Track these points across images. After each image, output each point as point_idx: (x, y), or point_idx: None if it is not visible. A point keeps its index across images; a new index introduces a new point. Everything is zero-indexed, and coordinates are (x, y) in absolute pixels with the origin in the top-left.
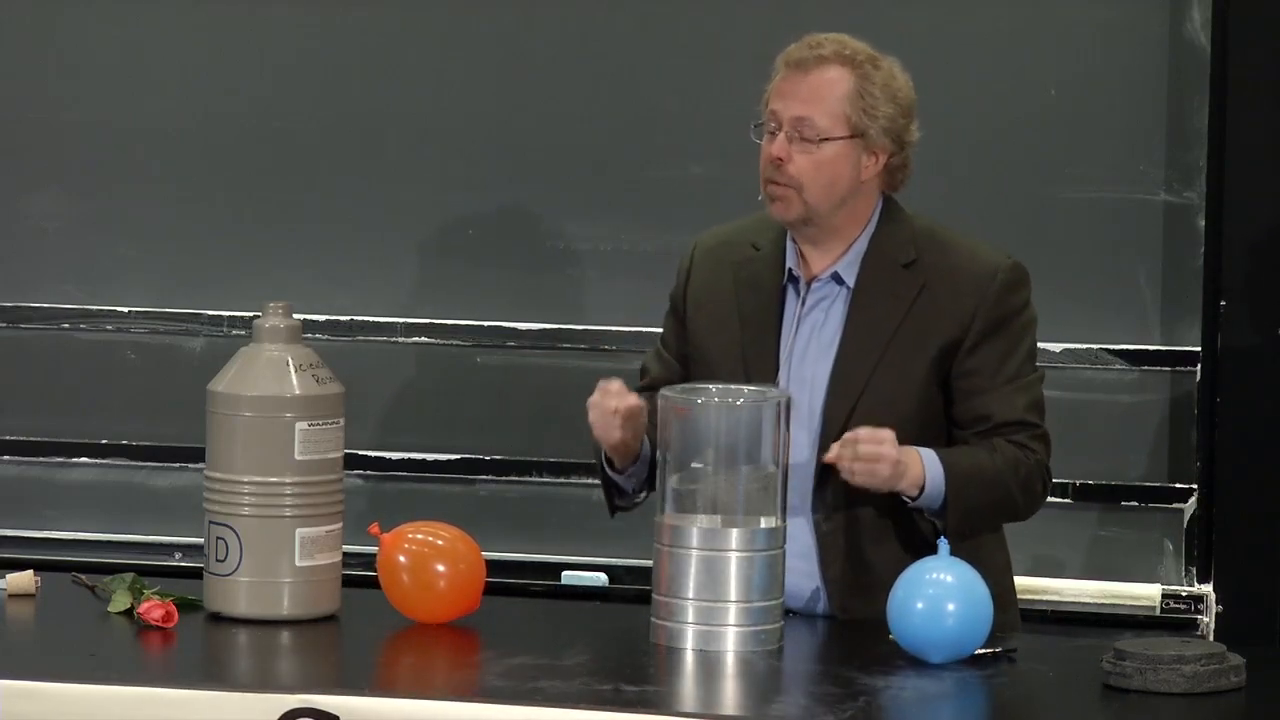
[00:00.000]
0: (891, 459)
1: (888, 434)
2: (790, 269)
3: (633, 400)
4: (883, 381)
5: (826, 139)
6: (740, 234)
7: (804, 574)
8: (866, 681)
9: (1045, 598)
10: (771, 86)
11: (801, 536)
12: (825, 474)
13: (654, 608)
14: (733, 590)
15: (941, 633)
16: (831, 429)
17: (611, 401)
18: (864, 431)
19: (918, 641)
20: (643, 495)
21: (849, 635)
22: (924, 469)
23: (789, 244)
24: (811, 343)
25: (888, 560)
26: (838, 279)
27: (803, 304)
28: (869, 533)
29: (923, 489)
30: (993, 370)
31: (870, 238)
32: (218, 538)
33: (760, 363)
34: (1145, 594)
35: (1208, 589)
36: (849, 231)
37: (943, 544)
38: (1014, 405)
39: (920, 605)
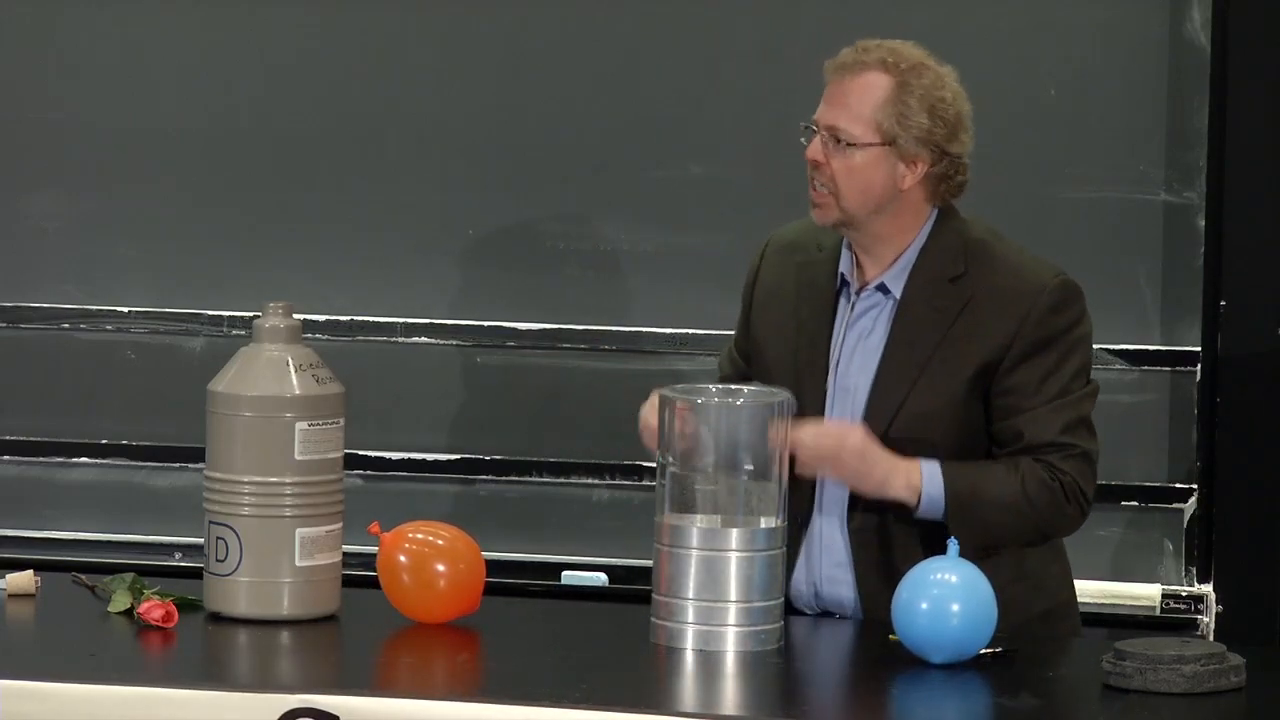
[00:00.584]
0: (854, 452)
1: (857, 432)
2: (843, 274)
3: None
4: (921, 396)
5: (856, 145)
6: (809, 233)
7: (843, 583)
8: (866, 681)
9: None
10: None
11: (838, 547)
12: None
13: (654, 608)
14: (733, 590)
15: (945, 634)
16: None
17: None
18: (828, 426)
19: (921, 642)
20: None
21: (849, 635)
22: (922, 479)
23: (844, 249)
24: (856, 352)
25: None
26: (884, 289)
27: (852, 310)
28: (902, 543)
29: (919, 499)
30: (1031, 390)
31: (920, 249)
32: (218, 538)
33: (811, 369)
34: (1145, 594)
35: (1208, 589)
36: (898, 240)
37: (952, 544)
38: (1049, 426)
39: (925, 606)
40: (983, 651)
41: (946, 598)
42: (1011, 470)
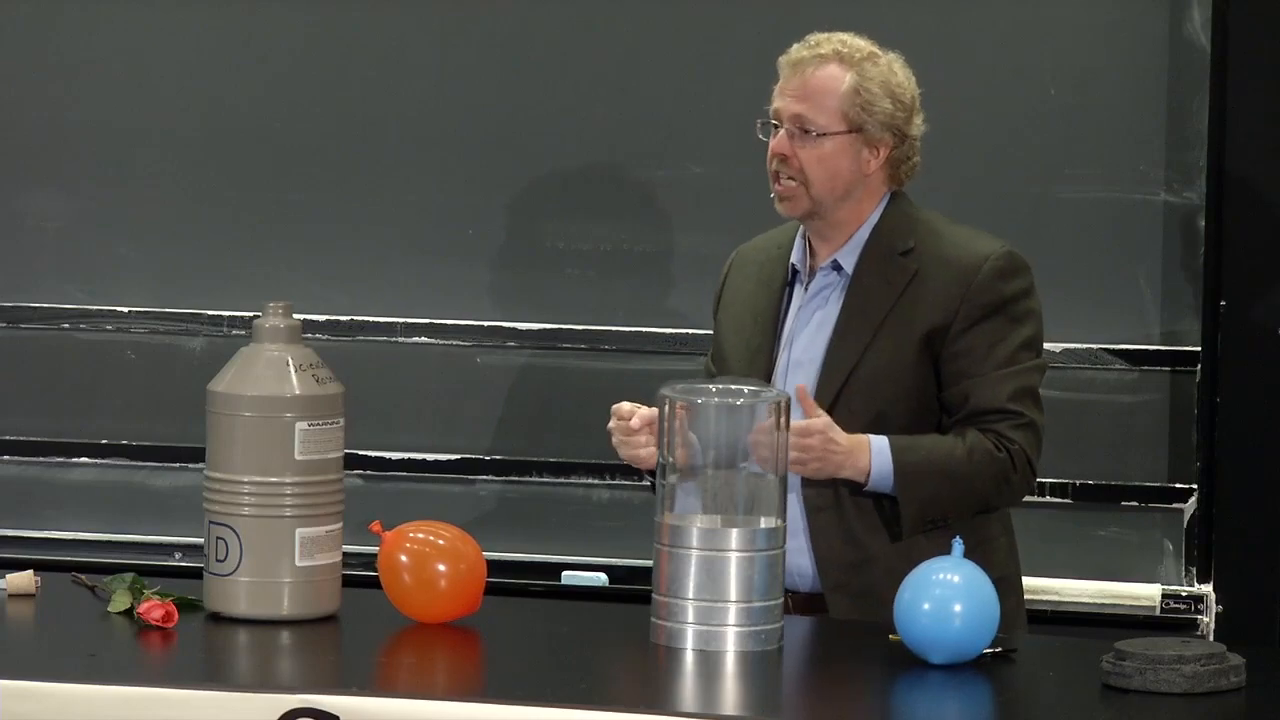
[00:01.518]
0: (818, 452)
1: (819, 425)
2: (793, 264)
3: (645, 410)
4: (872, 364)
5: (825, 134)
6: (771, 239)
7: (796, 551)
8: (866, 681)
9: (1045, 598)
10: (776, 88)
11: (793, 516)
12: None
13: (654, 608)
14: (733, 590)
15: (947, 634)
16: (819, 406)
17: (625, 423)
18: (794, 425)
19: (923, 643)
20: None
21: (849, 635)
22: (870, 459)
23: (798, 239)
24: (810, 326)
25: (878, 536)
26: (836, 266)
27: (805, 290)
28: (858, 509)
29: (868, 477)
30: (980, 355)
31: (872, 228)
32: (218, 538)
33: (760, 351)
34: (1145, 594)
35: (1208, 589)
36: (852, 224)
37: (957, 544)
38: (997, 393)
39: (927, 606)
40: (983, 651)
41: (949, 598)
42: (958, 442)
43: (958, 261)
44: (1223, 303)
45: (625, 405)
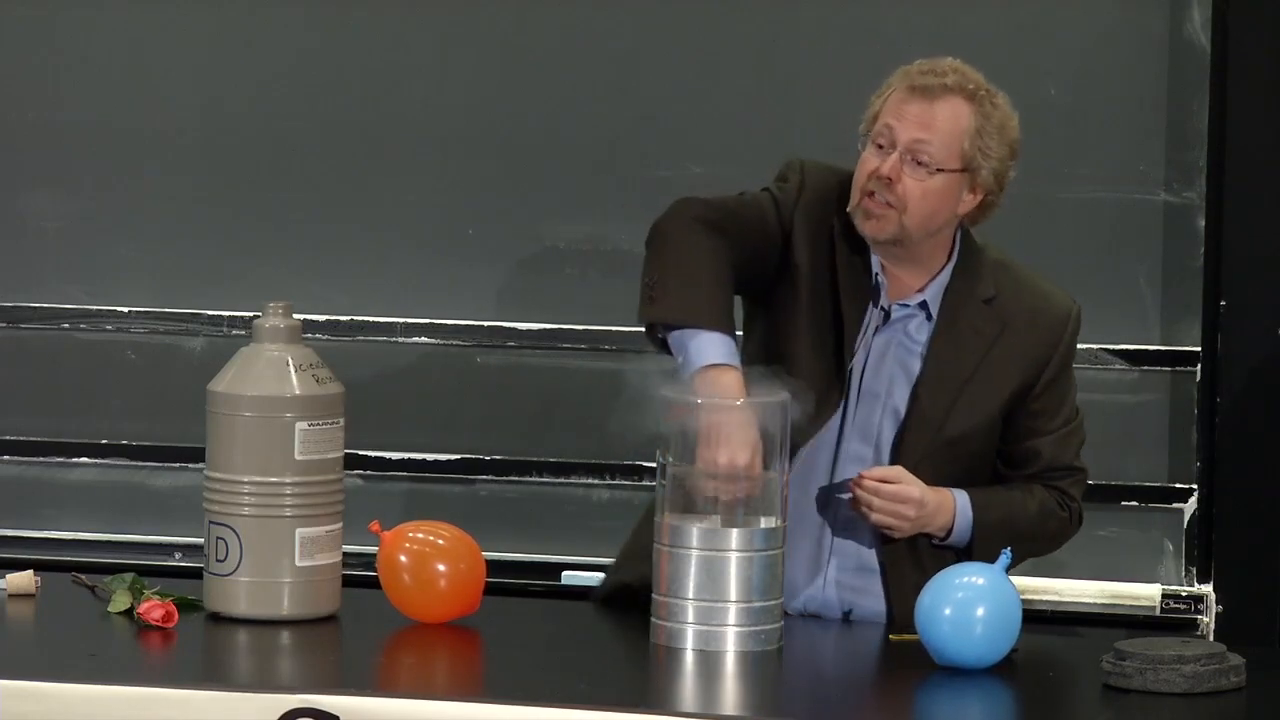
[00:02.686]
0: (916, 501)
1: (908, 476)
2: (877, 274)
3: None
4: (961, 415)
5: (940, 170)
6: (840, 197)
7: (873, 595)
8: (866, 681)
9: (1045, 598)
10: (883, 102)
11: (866, 558)
12: None
13: (654, 608)
14: (733, 590)
15: (969, 641)
16: (907, 460)
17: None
18: (889, 471)
19: (944, 647)
20: None
21: (849, 635)
22: (954, 517)
23: (873, 257)
24: (886, 359)
25: None
26: (923, 306)
27: (886, 316)
28: (931, 556)
29: (949, 533)
30: (1053, 413)
31: (953, 269)
32: (218, 538)
33: (836, 360)
34: (1145, 594)
35: (1208, 589)
36: (934, 261)
37: (1005, 555)
38: (1067, 450)
39: (949, 611)
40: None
41: (971, 602)
42: (1029, 499)
43: (1045, 316)
44: (1223, 303)
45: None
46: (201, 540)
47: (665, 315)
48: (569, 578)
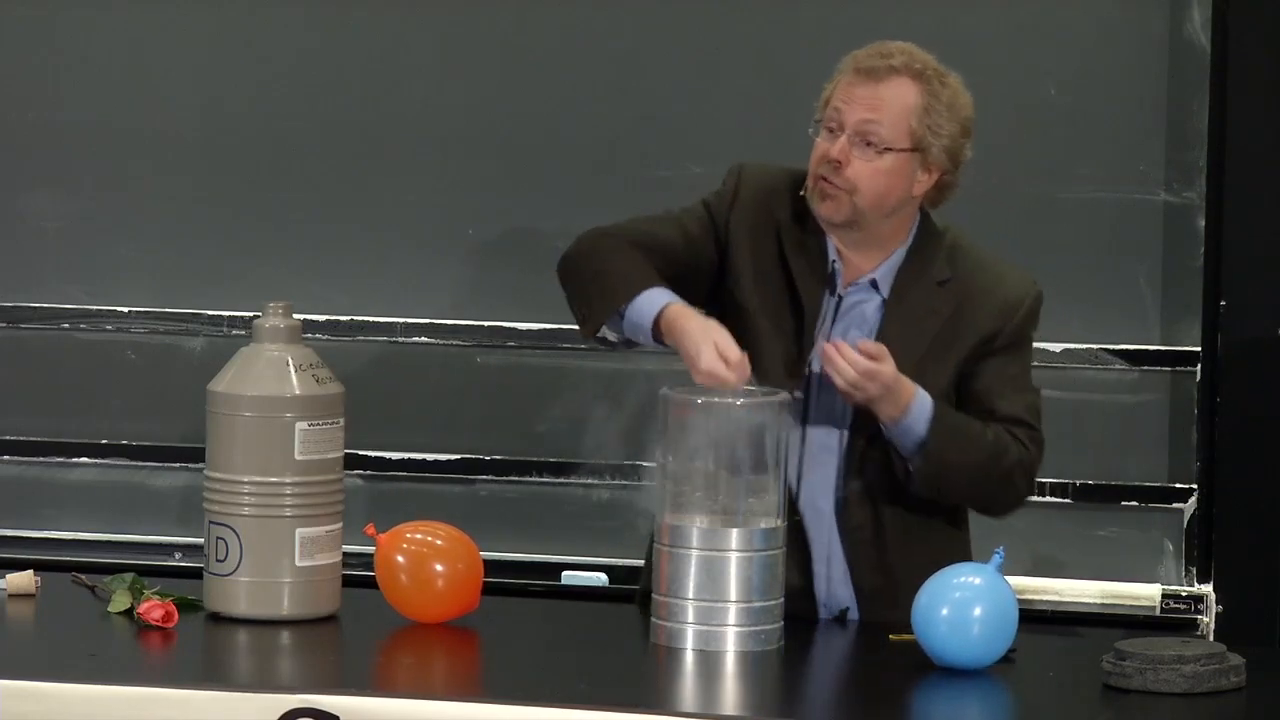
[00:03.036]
0: (886, 381)
1: (888, 357)
2: (833, 260)
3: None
4: None
5: (889, 149)
6: (782, 191)
7: (837, 581)
8: (866, 682)
9: (1045, 598)
10: (833, 87)
11: (829, 542)
12: (849, 476)
13: (654, 608)
14: (733, 590)
15: (966, 642)
16: (857, 441)
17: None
18: (872, 348)
19: (941, 648)
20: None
21: (848, 636)
22: (915, 399)
23: (828, 241)
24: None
25: (914, 566)
26: (875, 286)
27: (838, 304)
28: (896, 537)
29: (905, 414)
30: (1000, 374)
31: (908, 250)
32: (218, 538)
33: (796, 349)
34: (1145, 594)
35: (1208, 589)
36: (892, 244)
37: (998, 555)
38: (1015, 404)
39: (946, 612)
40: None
41: (968, 603)
42: (987, 428)
43: (999, 297)
44: (1223, 303)
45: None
46: (201, 540)
47: (599, 318)
48: (569, 578)
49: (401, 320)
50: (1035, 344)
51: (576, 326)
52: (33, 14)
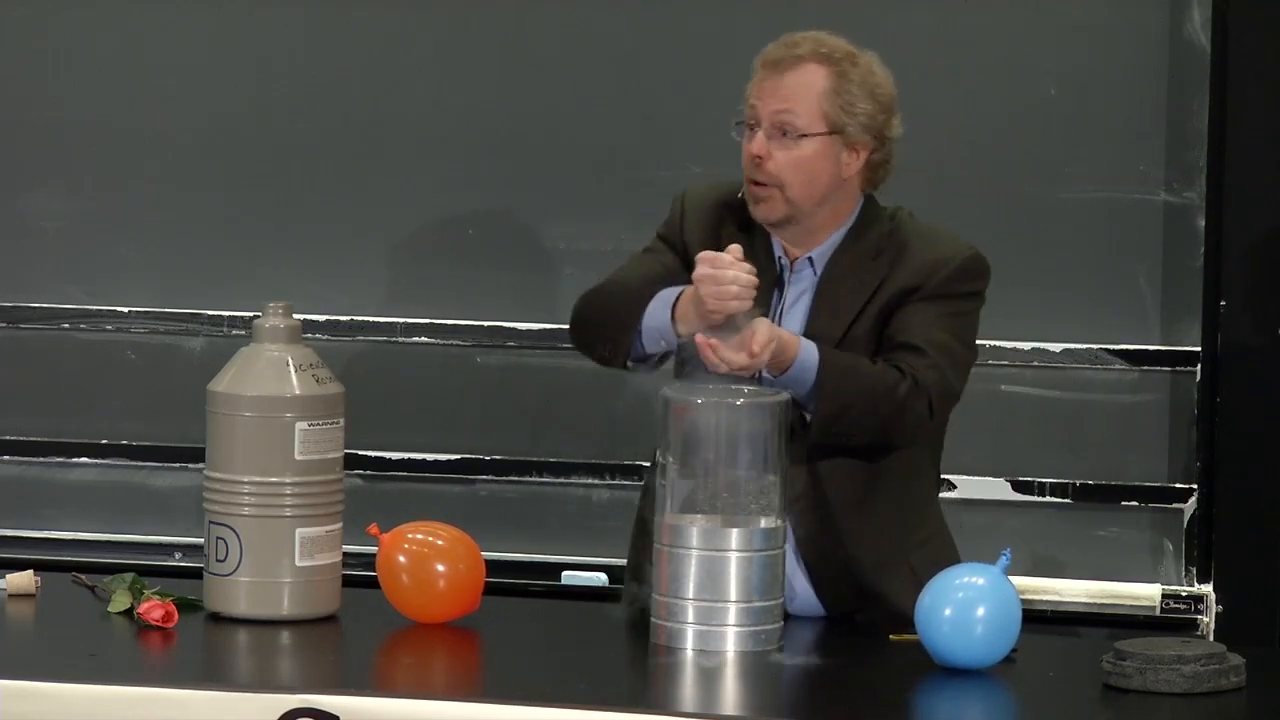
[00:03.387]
0: (747, 286)
1: (746, 266)
2: (779, 258)
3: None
4: None
5: (805, 135)
6: (727, 207)
7: (803, 590)
8: (866, 682)
9: (1045, 598)
10: (750, 86)
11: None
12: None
13: (654, 608)
14: (733, 590)
15: (969, 642)
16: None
17: (716, 268)
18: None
19: (944, 648)
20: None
21: (848, 636)
22: (800, 348)
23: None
24: (785, 322)
25: (865, 542)
26: (811, 264)
27: (787, 287)
28: (844, 518)
29: (792, 364)
30: (911, 315)
31: (847, 231)
32: (218, 538)
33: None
34: (1145, 594)
35: (1208, 589)
36: (830, 228)
37: (1004, 556)
38: (915, 336)
39: (949, 612)
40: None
41: (971, 603)
42: (873, 362)
43: (926, 256)
44: (1223, 303)
45: (708, 253)
46: (201, 540)
47: (624, 345)
48: (569, 578)
49: (401, 320)
50: (1036, 344)
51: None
52: (32, 14)
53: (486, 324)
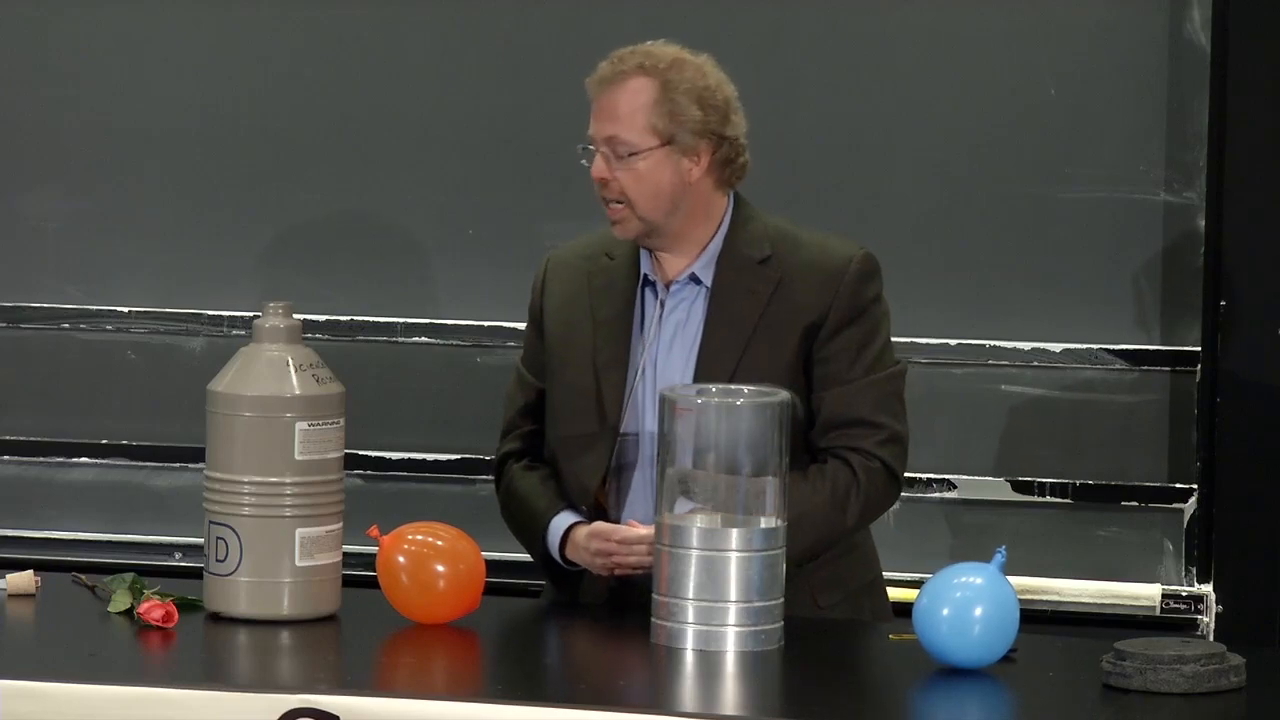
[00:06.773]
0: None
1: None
2: (645, 274)
3: (626, 530)
4: (747, 375)
5: (637, 152)
6: (592, 246)
7: None
8: (866, 682)
9: (1045, 598)
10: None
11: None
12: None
13: (654, 608)
14: (733, 590)
15: (967, 641)
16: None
17: (611, 542)
18: (626, 534)
19: (942, 648)
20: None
21: (849, 635)
22: None
23: (643, 251)
24: (675, 342)
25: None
26: (695, 279)
27: (662, 306)
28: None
29: None
30: (848, 361)
31: (724, 237)
32: (218, 538)
33: (612, 363)
34: (1145, 594)
35: (1208, 589)
36: (699, 234)
37: (1000, 553)
38: (861, 402)
39: (947, 612)
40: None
41: (969, 602)
42: (819, 481)
43: (822, 265)
44: (1223, 303)
45: (601, 525)
46: (201, 540)
47: (537, 557)
48: None
49: (401, 320)
50: (1036, 344)
51: None
52: (32, 14)
53: (486, 324)
